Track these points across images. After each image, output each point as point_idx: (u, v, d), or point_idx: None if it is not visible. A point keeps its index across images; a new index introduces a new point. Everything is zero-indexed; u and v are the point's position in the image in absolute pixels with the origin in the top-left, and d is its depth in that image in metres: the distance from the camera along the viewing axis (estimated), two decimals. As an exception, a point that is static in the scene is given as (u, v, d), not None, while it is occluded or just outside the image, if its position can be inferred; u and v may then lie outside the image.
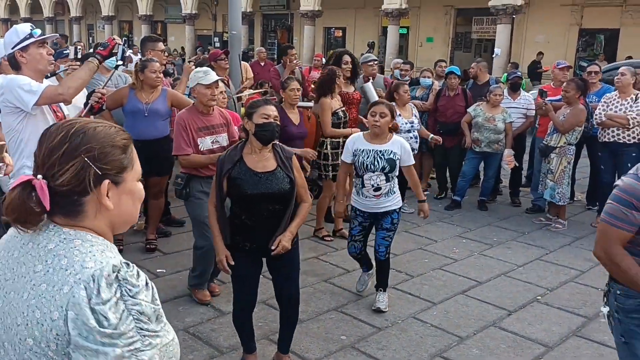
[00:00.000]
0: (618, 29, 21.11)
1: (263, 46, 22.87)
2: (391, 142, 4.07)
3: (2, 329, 1.22)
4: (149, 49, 5.48)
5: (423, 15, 25.76)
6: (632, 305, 2.27)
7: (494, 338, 3.93)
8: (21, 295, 1.18)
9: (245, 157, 3.16)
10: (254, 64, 9.85)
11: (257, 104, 3.24)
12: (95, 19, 38.94)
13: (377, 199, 4.09)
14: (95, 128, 1.25)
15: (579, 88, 6.12)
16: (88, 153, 1.21)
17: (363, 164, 4.05)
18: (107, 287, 1.13)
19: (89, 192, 1.22)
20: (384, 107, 4.06)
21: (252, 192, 3.09)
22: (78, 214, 1.23)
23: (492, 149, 6.84)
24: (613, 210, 2.22)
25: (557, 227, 6.34)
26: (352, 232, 4.31)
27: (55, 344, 1.14)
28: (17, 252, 1.25)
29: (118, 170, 1.25)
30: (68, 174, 1.19)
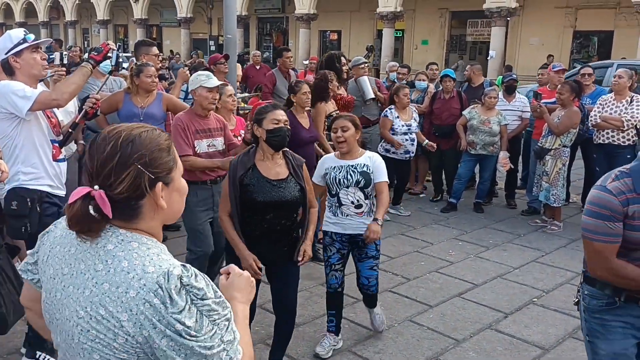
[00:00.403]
0: (612, 31, 21.22)
1: (258, 49, 22.86)
2: (363, 157, 3.68)
3: (61, 319, 1.32)
4: (143, 53, 5.47)
5: (418, 18, 25.83)
6: (596, 306, 2.38)
7: (490, 341, 3.94)
8: (82, 291, 1.27)
9: (258, 164, 3.11)
10: (250, 67, 9.87)
11: (266, 109, 3.18)
12: (90, 23, 38.89)
13: (360, 217, 3.63)
14: (140, 134, 1.31)
15: (573, 90, 6.14)
16: (140, 160, 1.27)
17: (335, 180, 3.62)
18: (178, 295, 1.21)
19: (145, 196, 1.30)
20: (344, 120, 3.66)
21: (263, 200, 3.04)
22: (136, 217, 1.31)
23: (487, 152, 6.85)
24: (597, 227, 2.24)
25: (553, 229, 6.35)
26: (330, 261, 3.72)
27: (124, 339, 1.22)
28: (74, 249, 1.33)
29: (167, 172, 1.33)
30: (125, 183, 1.26)
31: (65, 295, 1.31)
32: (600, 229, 2.23)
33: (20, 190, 3.19)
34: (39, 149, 3.23)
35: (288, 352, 3.68)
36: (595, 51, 22.07)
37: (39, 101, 3.09)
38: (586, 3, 21.21)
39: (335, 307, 3.75)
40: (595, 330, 2.40)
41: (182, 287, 1.22)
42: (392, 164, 6.43)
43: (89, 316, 1.25)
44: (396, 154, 6.43)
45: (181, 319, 1.20)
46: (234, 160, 3.14)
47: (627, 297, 2.29)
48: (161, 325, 1.20)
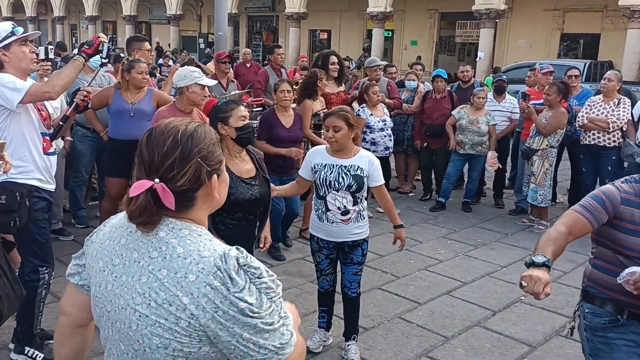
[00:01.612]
0: (599, 34, 21.43)
1: (248, 48, 22.81)
2: (357, 157, 3.41)
3: (113, 310, 1.35)
4: (136, 48, 5.44)
5: (407, 18, 25.92)
6: (599, 323, 2.33)
7: (478, 338, 3.97)
8: (138, 278, 1.31)
9: (228, 164, 3.01)
10: (240, 65, 9.83)
11: (229, 106, 3.06)
12: (78, 19, 38.57)
13: (346, 224, 3.40)
14: (196, 129, 1.38)
15: (560, 91, 6.21)
16: (200, 154, 1.34)
17: (325, 181, 3.36)
18: (237, 275, 1.26)
19: (201, 187, 1.36)
20: (336, 118, 3.33)
21: (244, 199, 3.02)
22: (190, 207, 1.36)
23: (476, 151, 6.90)
24: (584, 202, 2.29)
25: (540, 229, 6.41)
26: (320, 267, 3.60)
27: (187, 322, 1.26)
28: (124, 240, 1.38)
29: (220, 164, 1.42)
30: (187, 176, 1.32)
31: (117, 285, 1.34)
32: (586, 203, 2.26)
33: (9, 184, 3.16)
34: (29, 142, 3.21)
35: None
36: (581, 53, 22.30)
37: (30, 93, 3.07)
38: (574, 6, 21.41)
39: (327, 304, 3.74)
40: (599, 350, 2.34)
41: (239, 267, 1.27)
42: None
43: (148, 302, 1.28)
44: (377, 152, 6.45)
45: (243, 297, 1.25)
46: None
47: (630, 314, 2.25)
48: (224, 306, 1.24)
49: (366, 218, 3.52)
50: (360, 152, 3.47)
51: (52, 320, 3.87)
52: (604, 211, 2.22)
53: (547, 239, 2.19)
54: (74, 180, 5.74)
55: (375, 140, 6.45)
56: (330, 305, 3.76)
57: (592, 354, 2.38)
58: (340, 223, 3.41)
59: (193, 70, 4.22)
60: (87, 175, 5.88)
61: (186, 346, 1.27)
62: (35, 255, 3.29)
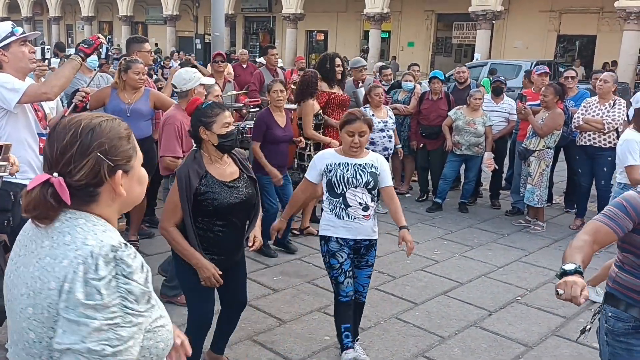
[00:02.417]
0: (595, 35, 21.52)
1: (245, 48, 22.80)
2: (369, 156, 3.47)
3: (9, 301, 1.35)
4: (135, 49, 5.42)
5: (404, 19, 25.98)
6: (621, 328, 2.28)
7: (475, 338, 3.98)
8: (28, 268, 1.30)
9: (209, 169, 2.91)
10: (236, 66, 9.84)
11: (214, 111, 2.91)
12: (74, 19, 38.52)
13: (367, 220, 3.40)
14: (100, 123, 1.33)
15: (557, 93, 6.23)
16: (100, 148, 1.30)
17: (343, 178, 3.34)
18: (105, 265, 1.22)
19: (104, 183, 1.32)
20: (363, 124, 3.34)
21: (229, 203, 2.91)
22: (91, 202, 1.33)
23: (472, 152, 6.92)
24: (607, 211, 2.23)
25: (536, 229, 6.44)
26: (343, 268, 3.42)
27: (47, 312, 1.23)
28: (30, 232, 1.37)
29: (127, 160, 1.36)
30: (84, 170, 1.29)
31: (15, 276, 1.33)
32: (608, 211, 2.22)
33: (3, 184, 3.16)
34: (24, 142, 3.21)
35: (277, 350, 3.70)
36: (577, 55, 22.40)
37: (28, 94, 3.08)
38: (570, 8, 21.51)
39: (351, 318, 3.47)
40: (619, 355, 2.29)
41: (113, 259, 1.23)
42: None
43: (28, 292, 1.26)
44: (374, 152, 6.47)
45: (97, 286, 1.20)
46: (182, 170, 2.88)
47: None
48: (74, 290, 1.20)
49: (376, 219, 3.51)
50: (370, 153, 3.53)
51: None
52: (627, 218, 2.18)
53: (572, 249, 2.14)
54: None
55: (374, 140, 6.48)
56: (352, 320, 3.49)
57: (610, 359, 2.34)
58: (362, 219, 3.39)
59: (194, 72, 4.21)
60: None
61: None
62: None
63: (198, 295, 3.04)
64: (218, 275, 2.93)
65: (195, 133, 2.92)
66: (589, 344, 3.94)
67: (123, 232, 5.60)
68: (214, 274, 2.91)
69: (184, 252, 2.90)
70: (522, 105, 6.63)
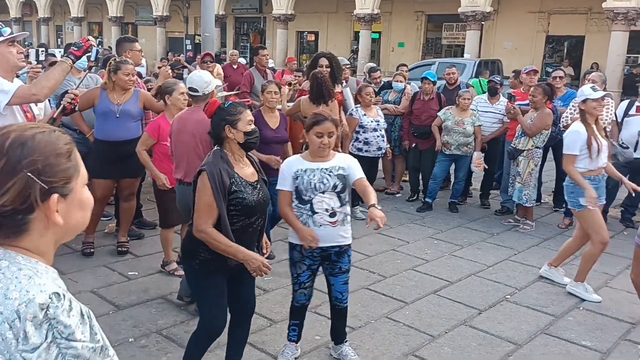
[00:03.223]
0: (583, 36, 21.68)
1: (235, 49, 22.77)
2: (335, 159, 3.39)
3: None
4: (127, 49, 5.40)
5: (394, 20, 26.04)
6: None
7: (465, 336, 4.01)
8: None
9: (235, 168, 2.92)
10: (227, 66, 9.84)
11: (238, 109, 2.95)
12: (64, 20, 38.27)
13: (334, 226, 3.33)
14: (34, 136, 1.10)
15: (545, 93, 6.28)
16: (31, 167, 1.07)
17: (310, 184, 3.28)
18: (36, 329, 1.01)
19: (35, 210, 1.09)
20: (331, 124, 3.32)
21: (255, 203, 2.91)
22: (20, 234, 1.10)
23: (461, 152, 6.96)
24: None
25: (525, 228, 6.48)
26: (299, 279, 3.47)
27: None
28: None
29: (65, 181, 1.13)
30: (10, 194, 1.06)
31: None
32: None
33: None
34: (14, 144, 3.20)
35: (267, 350, 3.70)
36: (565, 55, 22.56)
37: (18, 95, 3.06)
38: (558, 8, 21.65)
39: (301, 317, 3.62)
40: None
41: (45, 319, 1.02)
42: (367, 162, 6.50)
43: None
44: (369, 152, 6.50)
45: (31, 358, 1.00)
46: (213, 167, 2.84)
47: None
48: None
49: (349, 223, 3.42)
50: (337, 154, 3.45)
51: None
52: None
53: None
54: (59, 182, 5.70)
55: (368, 140, 6.50)
56: (303, 318, 3.63)
57: None
58: (329, 225, 3.32)
59: (209, 75, 4.16)
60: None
61: None
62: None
63: (212, 303, 3.01)
64: (267, 262, 2.93)
65: (219, 133, 2.91)
66: (578, 342, 3.99)
67: (113, 234, 5.59)
68: (263, 261, 2.91)
69: (228, 249, 2.85)
70: (511, 105, 6.67)
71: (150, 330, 3.87)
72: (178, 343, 3.73)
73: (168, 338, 3.79)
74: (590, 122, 4.65)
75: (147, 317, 4.05)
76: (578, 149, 4.58)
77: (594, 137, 4.59)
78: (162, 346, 3.68)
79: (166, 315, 4.11)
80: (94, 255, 5.11)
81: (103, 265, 4.94)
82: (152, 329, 3.89)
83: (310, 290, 3.53)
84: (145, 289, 4.50)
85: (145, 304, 4.26)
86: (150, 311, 4.15)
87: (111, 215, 6.01)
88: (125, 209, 5.24)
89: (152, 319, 4.04)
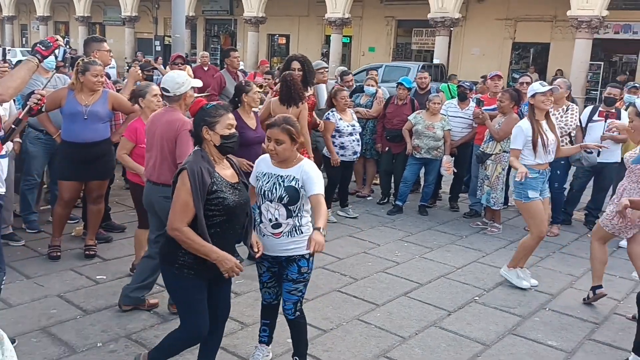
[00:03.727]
0: (549, 43, 22.20)
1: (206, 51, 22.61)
2: (296, 167, 3.19)
3: None
4: (95, 49, 5.29)
5: (365, 25, 26.25)
6: None
7: (434, 337, 4.06)
8: None
9: (216, 169, 2.90)
10: (197, 68, 9.75)
11: (217, 111, 2.91)
12: (29, 19, 37.44)
13: (277, 237, 3.19)
14: None
15: (512, 98, 6.42)
16: None
17: (261, 190, 3.22)
18: None
19: None
20: (279, 131, 3.12)
21: (235, 204, 2.89)
22: None
23: (431, 155, 7.04)
24: None
25: (493, 231, 6.60)
26: (261, 279, 3.46)
27: None
28: None
29: None
30: None
31: None
32: None
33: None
34: (-21, 145, 3.12)
35: (239, 353, 3.68)
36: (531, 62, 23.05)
37: (-19, 95, 2.99)
38: (525, 16, 22.13)
39: (269, 317, 3.57)
40: None
41: None
42: (342, 166, 6.53)
43: None
44: (344, 156, 6.52)
45: None
46: (194, 166, 2.80)
47: None
48: None
49: (305, 233, 3.20)
50: (301, 162, 3.23)
51: (4, 327, 3.74)
52: None
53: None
54: (25, 184, 5.57)
55: (344, 145, 6.50)
56: (273, 319, 3.59)
57: None
58: (271, 236, 3.21)
59: (185, 76, 4.09)
60: (39, 178, 5.72)
61: None
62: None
63: (193, 308, 2.96)
64: (239, 264, 2.91)
65: (198, 133, 2.90)
66: (544, 342, 4.07)
67: (80, 237, 5.49)
68: (236, 262, 2.89)
69: (201, 249, 2.82)
70: (479, 109, 6.79)
71: (119, 335, 3.81)
72: (148, 347, 3.67)
73: (137, 342, 3.74)
74: (539, 117, 4.84)
75: (115, 322, 3.98)
76: (521, 144, 4.80)
77: (541, 133, 4.77)
78: (131, 350, 3.63)
79: (135, 319, 4.05)
80: (61, 259, 5.01)
81: (70, 269, 4.84)
82: (121, 333, 3.83)
83: (274, 290, 3.45)
84: (113, 293, 4.42)
85: (113, 308, 4.19)
86: (118, 315, 4.08)
87: (78, 218, 5.90)
88: (93, 212, 5.15)
89: (120, 323, 3.97)
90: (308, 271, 3.29)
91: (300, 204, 3.19)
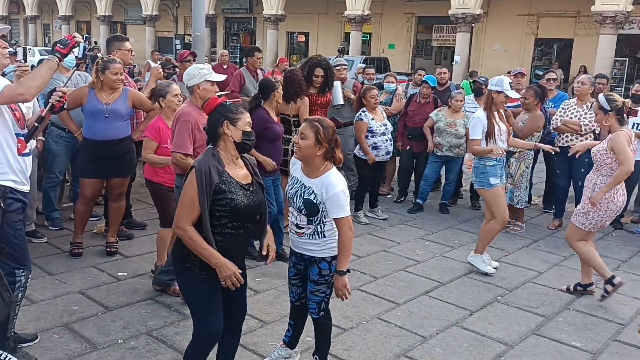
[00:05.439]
0: (572, 39, 21.85)
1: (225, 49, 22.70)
2: (319, 179, 3.11)
3: None
4: (116, 48, 5.33)
5: (385, 22, 26.11)
6: None
7: (456, 337, 4.00)
8: None
9: (227, 168, 2.84)
10: (217, 66, 9.80)
11: (239, 109, 2.89)
12: (51, 19, 38.01)
13: (299, 236, 3.24)
14: None
15: (537, 95, 6.31)
16: None
17: (288, 193, 3.27)
18: None
19: None
20: (307, 126, 3.09)
21: (245, 206, 2.82)
22: None
23: (453, 153, 6.97)
24: None
25: (516, 230, 6.50)
26: (288, 274, 3.48)
27: None
28: None
29: None
30: None
31: None
32: None
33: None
34: (3, 143, 3.14)
35: (258, 351, 3.68)
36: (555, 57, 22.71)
37: (4, 95, 3.01)
38: (547, 11, 21.82)
39: (295, 318, 3.52)
40: None
41: None
42: (375, 166, 6.46)
43: None
44: (377, 156, 6.41)
45: None
46: (202, 165, 2.77)
47: None
48: None
49: (328, 238, 3.18)
50: (326, 175, 3.12)
51: (26, 323, 3.81)
52: None
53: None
54: (47, 181, 5.64)
55: (377, 145, 6.37)
56: (297, 320, 3.51)
57: None
58: (294, 235, 3.27)
59: (201, 68, 4.12)
60: (62, 176, 5.78)
61: None
62: (11, 258, 3.22)
63: (206, 306, 2.91)
64: (239, 274, 2.85)
65: (216, 129, 2.83)
66: (568, 343, 4.00)
67: (102, 234, 5.53)
68: (235, 272, 2.82)
69: (202, 251, 2.76)
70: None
71: (140, 332, 3.83)
72: (168, 344, 3.69)
73: (158, 339, 3.75)
74: (493, 110, 5.13)
75: (136, 318, 4.00)
76: (480, 133, 5.06)
77: (494, 123, 5.08)
78: (152, 347, 3.64)
79: (156, 316, 4.07)
80: (83, 256, 5.05)
81: (92, 266, 4.88)
82: (142, 330, 3.85)
83: (297, 288, 3.42)
84: (134, 290, 4.45)
85: (134, 305, 4.21)
86: (139, 312, 4.10)
87: (100, 215, 5.95)
88: (114, 209, 5.18)
89: (141, 320, 3.99)
90: (329, 274, 3.24)
91: (321, 215, 3.14)
